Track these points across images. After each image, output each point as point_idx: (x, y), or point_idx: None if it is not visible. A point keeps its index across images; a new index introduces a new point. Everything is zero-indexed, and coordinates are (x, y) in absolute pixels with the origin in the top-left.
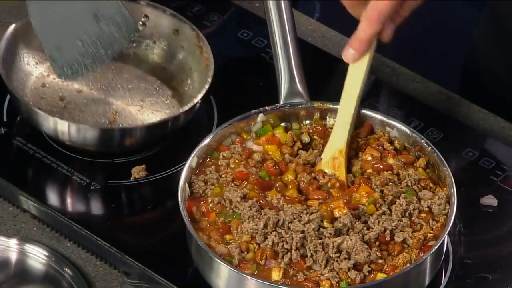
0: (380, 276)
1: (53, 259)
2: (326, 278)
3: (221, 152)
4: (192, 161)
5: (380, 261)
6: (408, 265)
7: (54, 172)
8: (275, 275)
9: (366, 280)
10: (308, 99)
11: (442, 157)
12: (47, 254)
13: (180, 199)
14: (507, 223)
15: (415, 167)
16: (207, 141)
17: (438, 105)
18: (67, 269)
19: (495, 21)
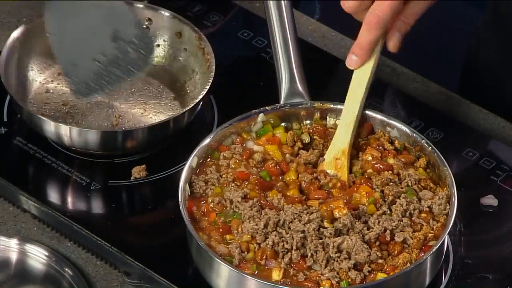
0: (381, 276)
1: (54, 259)
2: (326, 278)
3: (221, 152)
4: (192, 161)
5: (381, 261)
6: (408, 265)
7: (54, 172)
8: (276, 275)
9: (366, 280)
10: (308, 99)
11: (442, 157)
12: (47, 254)
13: (180, 199)
14: (507, 223)
15: (415, 167)
16: (207, 141)
17: (439, 105)
18: (67, 269)
19: (495, 21)
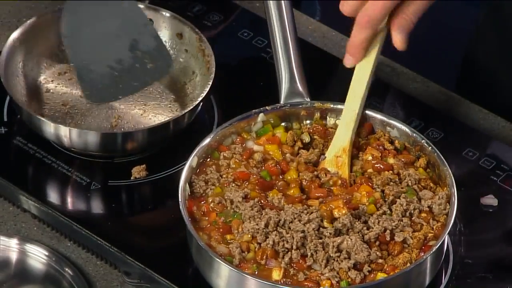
0: (380, 276)
1: (54, 258)
2: (326, 277)
3: (221, 152)
4: (192, 161)
5: (380, 260)
6: (408, 265)
7: (54, 172)
8: (276, 274)
9: (366, 280)
10: (308, 99)
11: (442, 157)
12: (47, 253)
13: (180, 198)
14: (507, 223)
15: (415, 167)
16: (207, 141)
17: (439, 105)
18: (67, 269)
19: (495, 20)
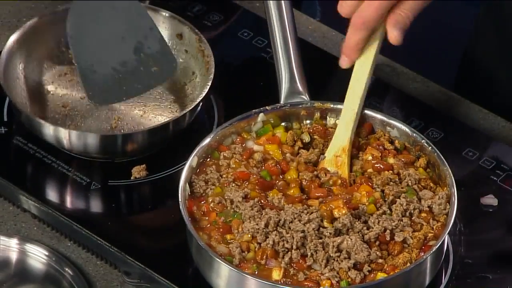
0: (380, 275)
1: (54, 258)
2: (326, 277)
3: (221, 152)
4: (192, 160)
5: (380, 260)
6: (408, 264)
7: (54, 171)
8: (276, 274)
9: (366, 280)
10: (308, 99)
11: (442, 157)
12: (47, 253)
13: (180, 198)
14: (507, 223)
15: (415, 166)
16: (207, 140)
17: (439, 105)
18: (67, 269)
19: (494, 20)
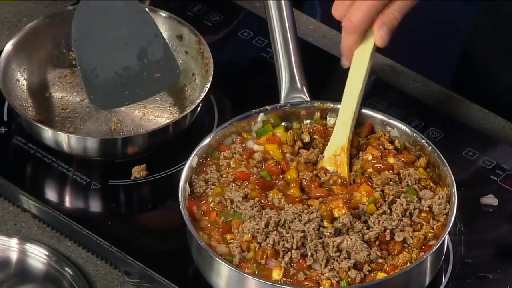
0: (381, 275)
1: (54, 258)
2: (326, 277)
3: (221, 152)
4: (192, 160)
5: (380, 260)
6: (408, 264)
7: (54, 171)
8: (276, 274)
9: (366, 280)
10: (308, 99)
11: (442, 157)
12: (47, 253)
13: (180, 198)
14: (507, 222)
15: (415, 166)
16: (207, 140)
17: (439, 104)
18: (67, 269)
19: (493, 20)
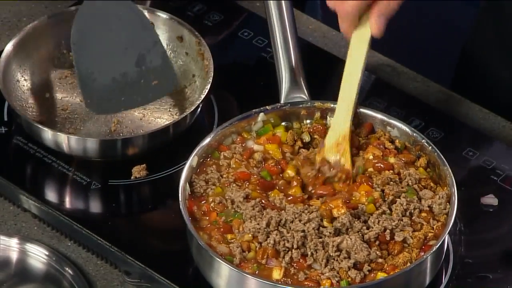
0: (381, 275)
1: (54, 258)
2: (326, 277)
3: (222, 152)
4: (192, 160)
5: (380, 260)
6: (408, 264)
7: (54, 171)
8: (276, 274)
9: (366, 280)
10: (308, 99)
11: (442, 157)
12: (47, 253)
13: (180, 198)
14: (507, 222)
15: (415, 166)
16: (207, 140)
17: (439, 104)
18: (67, 269)
19: (493, 20)
